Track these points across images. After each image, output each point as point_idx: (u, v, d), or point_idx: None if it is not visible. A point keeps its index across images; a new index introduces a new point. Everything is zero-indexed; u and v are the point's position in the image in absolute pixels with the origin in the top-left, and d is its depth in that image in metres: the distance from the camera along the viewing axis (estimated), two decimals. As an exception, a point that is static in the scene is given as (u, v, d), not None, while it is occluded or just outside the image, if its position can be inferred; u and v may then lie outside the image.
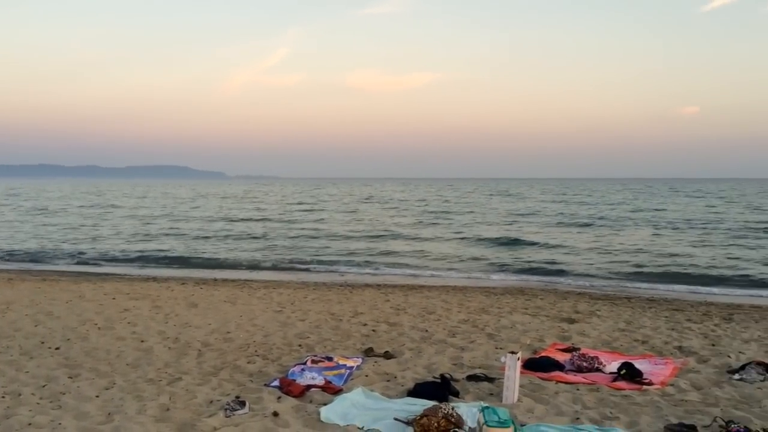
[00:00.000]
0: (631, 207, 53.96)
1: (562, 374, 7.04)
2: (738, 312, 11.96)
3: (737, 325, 10.46)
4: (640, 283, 17.01)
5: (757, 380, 6.83)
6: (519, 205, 59.00)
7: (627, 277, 18.05)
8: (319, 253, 23.96)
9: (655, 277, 17.92)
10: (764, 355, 8.15)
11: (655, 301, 13.44)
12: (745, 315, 11.60)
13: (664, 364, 7.52)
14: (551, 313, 11.31)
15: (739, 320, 10.94)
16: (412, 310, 11.37)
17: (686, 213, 45.86)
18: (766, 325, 10.42)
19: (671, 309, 12.14)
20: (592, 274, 18.70)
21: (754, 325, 10.42)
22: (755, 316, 11.41)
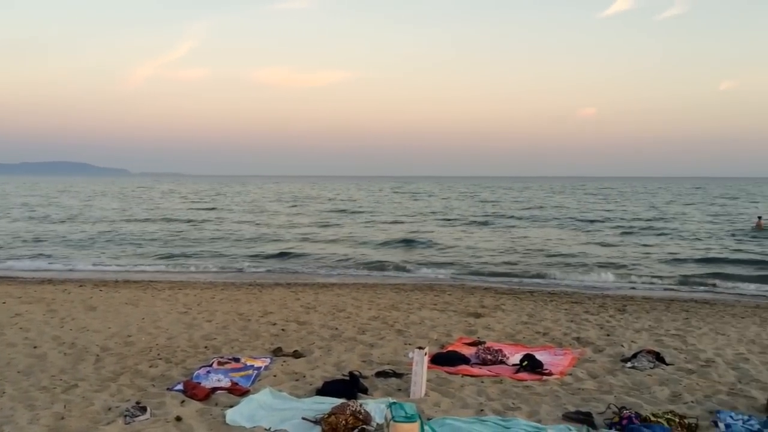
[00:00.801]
0: (529, 204, 56.16)
1: (467, 368, 7.21)
2: (631, 303, 12.65)
3: (630, 315, 11.07)
4: (540, 279, 17.69)
5: (648, 368, 7.24)
6: (423, 203, 60.05)
7: (530, 273, 18.71)
8: (223, 253, 23.50)
9: (554, 271, 18.70)
10: (654, 343, 8.67)
11: (556, 294, 14.01)
12: (637, 306, 12.28)
13: (563, 355, 7.85)
14: (459, 308, 11.56)
15: (632, 311, 11.58)
16: (323, 308, 11.34)
17: (582, 210, 48.18)
18: (656, 315, 11.09)
19: (571, 302, 12.69)
20: (500, 271, 19.26)
21: (645, 316, 11.06)
22: (646, 307, 12.11)
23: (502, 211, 46.60)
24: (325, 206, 53.89)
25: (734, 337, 9.24)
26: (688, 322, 10.42)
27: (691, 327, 10.00)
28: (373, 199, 67.08)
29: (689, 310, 11.84)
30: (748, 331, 9.74)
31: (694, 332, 9.55)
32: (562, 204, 57.02)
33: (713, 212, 45.81)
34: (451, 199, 68.04)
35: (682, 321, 10.55)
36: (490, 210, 48.76)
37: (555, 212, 45.56)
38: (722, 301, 13.36)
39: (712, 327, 10.02)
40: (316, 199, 67.74)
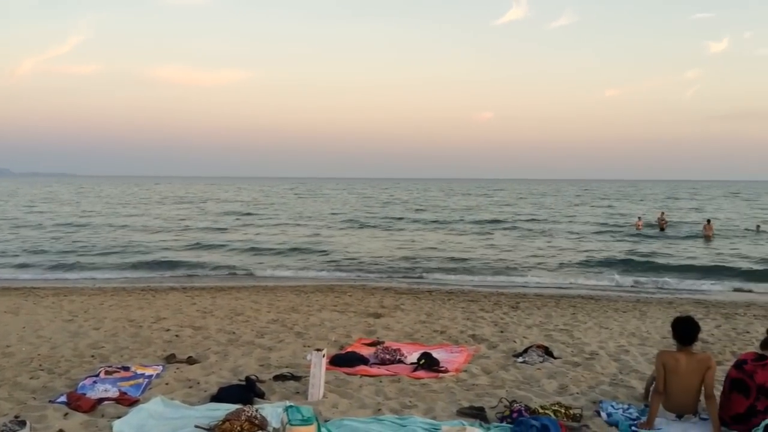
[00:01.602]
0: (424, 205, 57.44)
1: (366, 368, 7.24)
2: (524, 301, 13.17)
3: (522, 312, 11.52)
4: (439, 278, 18.09)
5: (537, 362, 7.56)
6: (325, 204, 60.02)
7: (424, 272, 19.09)
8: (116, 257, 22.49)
9: (449, 272, 19.20)
10: (544, 338, 9.05)
11: (453, 293, 14.36)
12: (529, 303, 12.80)
13: (459, 352, 8.05)
14: (359, 309, 11.61)
15: (525, 308, 12.05)
16: (220, 312, 11.05)
17: (477, 211, 49.79)
18: (546, 312, 11.59)
19: (467, 300, 13.05)
20: (401, 270, 19.52)
21: (537, 312, 11.54)
22: (537, 304, 12.65)
23: (407, 214, 47.23)
24: (224, 208, 52.68)
25: (616, 330, 9.82)
26: (575, 318, 10.97)
27: (577, 322, 10.53)
28: (275, 200, 66.27)
29: (576, 306, 12.47)
30: (629, 324, 10.37)
31: (580, 327, 10.06)
32: (459, 205, 58.59)
33: (599, 213, 48.53)
34: (350, 200, 68.30)
35: (569, 316, 11.10)
36: (390, 212, 49.29)
37: (455, 214, 46.71)
38: (606, 297, 14.16)
39: (597, 321, 10.60)
40: (216, 200, 66.05)
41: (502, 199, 72.56)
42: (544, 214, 46.36)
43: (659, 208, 50.25)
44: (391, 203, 62.54)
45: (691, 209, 53.26)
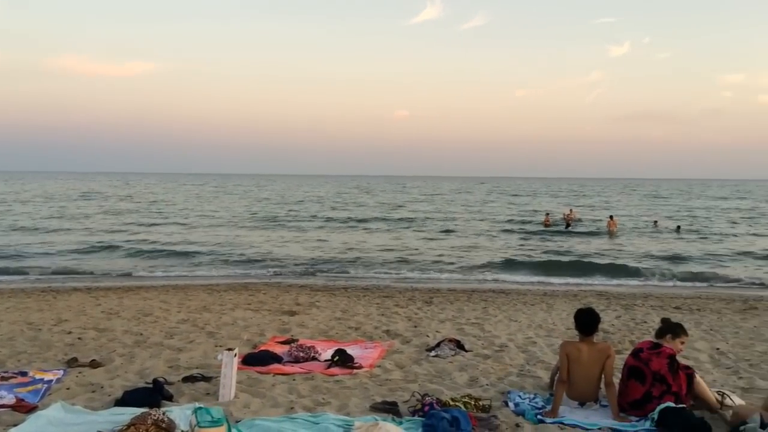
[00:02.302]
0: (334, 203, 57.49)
1: (280, 366, 7.16)
2: (437, 296, 13.40)
3: (436, 307, 11.71)
4: (354, 275, 18.15)
5: (449, 355, 7.71)
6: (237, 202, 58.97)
7: (340, 269, 19.11)
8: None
9: (364, 268, 19.31)
10: (456, 332, 9.25)
11: (368, 289, 14.42)
12: (442, 298, 13.04)
13: (373, 348, 8.10)
14: (273, 306, 11.46)
15: (438, 303, 12.26)
16: (127, 313, 10.64)
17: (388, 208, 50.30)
18: (458, 306, 11.84)
19: (382, 296, 13.15)
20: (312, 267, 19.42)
21: (450, 307, 11.77)
22: (450, 298, 12.90)
23: (324, 212, 47.00)
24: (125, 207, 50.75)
25: (525, 322, 10.15)
26: (486, 311, 11.26)
27: (488, 315, 10.82)
28: (187, 197, 64.45)
29: (488, 299, 12.80)
30: (537, 317, 10.75)
31: (491, 320, 10.34)
32: (376, 202, 58.97)
33: (509, 210, 50.05)
34: (265, 197, 67.39)
35: (481, 310, 11.38)
36: (306, 209, 48.98)
37: (370, 212, 46.94)
38: (516, 291, 14.61)
39: (507, 314, 10.92)
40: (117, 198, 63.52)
41: (417, 197, 73.52)
42: (458, 211, 47.35)
43: (567, 205, 52.37)
44: (307, 200, 62.15)
45: (595, 206, 55.75)
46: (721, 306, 12.39)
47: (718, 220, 40.23)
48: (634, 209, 50.70)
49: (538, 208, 50.35)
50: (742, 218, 42.06)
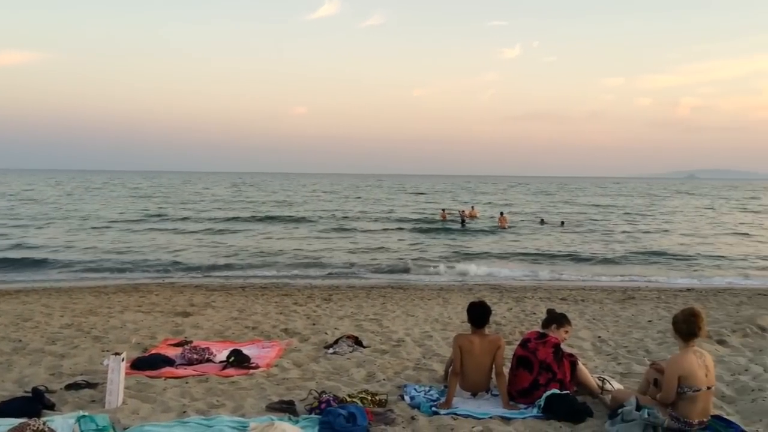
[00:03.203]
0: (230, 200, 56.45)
1: (172, 369, 6.92)
2: (336, 293, 13.42)
3: (335, 304, 11.73)
4: (252, 273, 17.85)
5: (347, 352, 7.74)
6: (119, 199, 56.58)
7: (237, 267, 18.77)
8: None
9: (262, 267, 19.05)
10: (355, 329, 9.29)
11: (267, 288, 14.24)
12: (342, 295, 13.07)
13: (270, 347, 7.99)
14: (166, 308, 11.07)
15: (337, 300, 12.29)
16: (4, 318, 9.94)
17: (285, 206, 49.89)
18: (357, 303, 11.91)
19: (281, 294, 13.02)
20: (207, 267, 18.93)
21: (349, 303, 11.82)
22: (350, 295, 12.96)
23: (220, 212, 45.85)
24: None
25: (422, 317, 10.36)
26: (385, 307, 11.40)
27: (387, 311, 10.95)
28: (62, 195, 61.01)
29: (386, 295, 12.97)
30: (433, 311, 10.99)
31: (389, 315, 10.47)
32: (273, 200, 58.24)
33: (412, 205, 50.89)
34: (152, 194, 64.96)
35: (379, 306, 11.51)
36: (202, 207, 47.63)
37: (265, 209, 46.31)
38: (414, 286, 14.89)
39: (404, 309, 11.10)
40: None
41: (315, 195, 73.28)
42: (357, 207, 47.60)
43: (467, 202, 53.76)
44: (201, 196, 60.45)
45: (494, 202, 57.67)
46: (603, 296, 13.17)
47: (601, 216, 42.70)
48: (525, 206, 52.90)
49: (436, 205, 51.48)
50: (625, 214, 44.88)
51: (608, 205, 56.39)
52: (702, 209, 51.63)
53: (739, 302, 12.31)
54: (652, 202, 61.29)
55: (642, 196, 75.80)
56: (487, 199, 65.28)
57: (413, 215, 41.23)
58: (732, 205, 58.93)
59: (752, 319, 9.77)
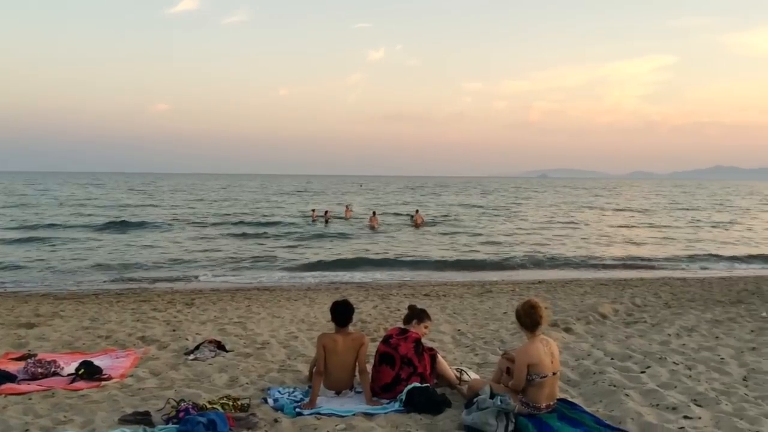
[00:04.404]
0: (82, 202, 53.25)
1: (13, 386, 6.36)
2: (199, 297, 12.99)
3: (197, 308, 11.34)
4: (104, 276, 16.86)
5: (209, 357, 7.50)
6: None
7: (88, 273, 17.67)
8: None
9: (119, 271, 18.06)
10: (218, 333, 9.03)
11: (123, 294, 13.50)
12: (205, 299, 12.67)
13: (125, 357, 7.57)
14: (7, 319, 10.17)
15: (200, 304, 11.89)
16: None
17: (143, 209, 47.69)
18: (221, 306, 11.60)
19: (139, 300, 12.38)
20: (55, 273, 17.64)
21: (212, 307, 11.48)
22: (213, 299, 12.59)
23: (72, 217, 42.80)
24: None
25: (288, 318, 10.27)
26: (250, 309, 11.19)
27: (252, 313, 10.75)
28: None
29: (251, 297, 12.73)
30: (299, 312, 10.94)
31: (254, 318, 10.28)
32: (134, 201, 55.36)
33: (280, 206, 50.30)
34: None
35: (244, 309, 11.27)
36: (48, 210, 44.31)
37: (116, 211, 43.96)
38: (280, 287, 14.74)
39: (270, 311, 10.95)
40: None
41: (177, 194, 70.53)
42: (223, 208, 46.36)
43: (340, 203, 53.98)
44: (47, 197, 56.22)
45: (365, 204, 58.33)
46: (463, 291, 13.74)
47: (464, 214, 44.56)
48: (394, 207, 54.01)
49: (304, 206, 51.30)
50: (486, 212, 47.14)
51: (471, 204, 58.96)
52: (553, 206, 55.38)
53: (584, 292, 13.31)
54: (514, 201, 64.92)
55: (502, 196, 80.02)
56: (359, 199, 65.98)
57: (277, 215, 40.79)
58: (582, 203, 63.74)
59: (594, 308, 10.63)
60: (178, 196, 66.15)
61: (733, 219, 41.65)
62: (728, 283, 14.91)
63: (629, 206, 56.70)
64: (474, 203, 59.68)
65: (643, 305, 11.24)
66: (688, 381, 6.07)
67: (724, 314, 10.09)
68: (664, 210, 51.64)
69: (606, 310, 10.39)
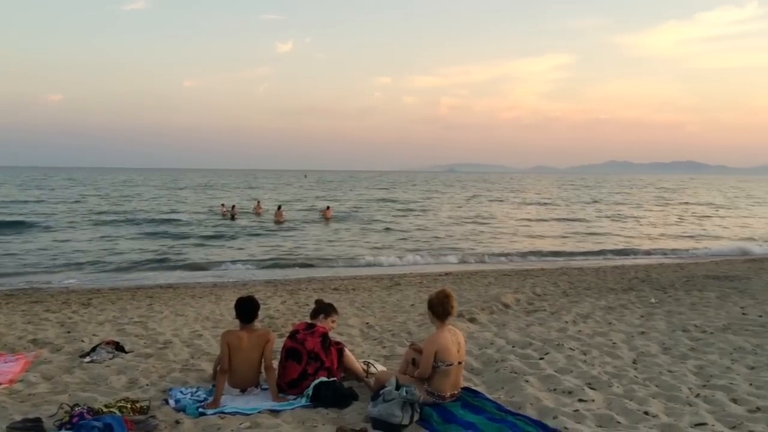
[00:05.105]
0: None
1: None
2: (97, 296, 12.40)
3: (95, 309, 10.82)
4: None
5: (107, 359, 7.17)
6: None
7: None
8: None
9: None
10: (117, 333, 8.65)
11: (13, 295, 12.70)
12: (103, 298, 12.11)
13: (14, 361, 7.11)
14: None
15: (98, 304, 11.35)
16: None
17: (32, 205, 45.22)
18: (121, 305, 11.12)
19: (30, 302, 11.69)
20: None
21: (111, 307, 10.98)
22: (112, 298, 12.06)
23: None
24: None
25: (192, 316, 9.98)
26: (152, 308, 10.79)
27: (153, 312, 10.37)
28: None
29: (153, 296, 12.29)
30: (205, 309, 10.65)
31: (156, 317, 9.92)
32: (30, 197, 52.19)
33: (193, 201, 48.84)
34: None
35: (146, 308, 10.86)
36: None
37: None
38: (185, 284, 14.30)
39: (173, 310, 10.60)
40: None
41: (73, 189, 67.11)
42: (122, 204, 44.51)
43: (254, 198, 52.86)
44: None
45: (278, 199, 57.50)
46: (372, 284, 13.83)
47: (375, 209, 44.86)
48: (304, 202, 53.60)
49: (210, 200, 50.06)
50: (395, 206, 47.64)
51: (382, 198, 59.41)
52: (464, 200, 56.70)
53: (488, 283, 13.72)
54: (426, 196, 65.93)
55: (414, 190, 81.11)
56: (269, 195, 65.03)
57: (195, 209, 39.63)
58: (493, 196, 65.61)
59: (498, 298, 10.97)
60: (74, 191, 62.89)
61: (632, 212, 44.07)
62: (621, 271, 15.78)
63: (535, 200, 59.00)
64: (384, 197, 60.21)
65: (543, 294, 11.71)
66: (583, 365, 6.37)
67: (617, 301, 10.66)
68: (566, 202, 54.05)
69: (508, 300, 10.75)
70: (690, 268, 16.15)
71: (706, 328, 8.18)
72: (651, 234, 29.28)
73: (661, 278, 13.80)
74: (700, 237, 28.15)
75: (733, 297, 10.77)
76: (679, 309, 9.73)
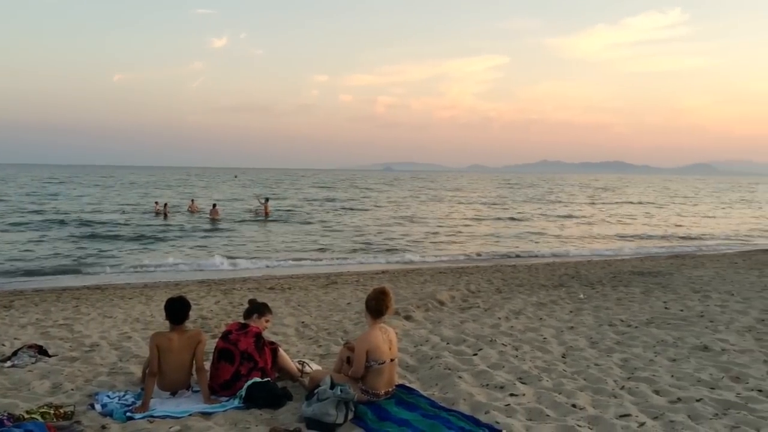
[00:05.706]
0: None
1: None
2: (20, 298, 11.87)
3: (17, 311, 10.36)
4: None
5: (29, 363, 6.86)
6: None
7: None
8: None
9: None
10: (40, 336, 8.31)
11: (-74, 299, 11.99)
12: (26, 300, 11.61)
13: (-74, 368, 6.72)
14: None
15: (20, 306, 10.87)
16: None
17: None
18: (45, 308, 10.67)
19: (-55, 305, 11.06)
20: None
21: (34, 309, 10.53)
22: (36, 300, 11.56)
23: None
24: None
25: (121, 318, 9.67)
26: (78, 310, 10.40)
27: (80, 314, 10.00)
28: None
29: (80, 297, 11.85)
30: (134, 310, 10.34)
31: (82, 319, 9.57)
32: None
33: (122, 200, 47.30)
34: None
35: (72, 309, 10.46)
36: None
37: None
38: (113, 285, 13.84)
39: (101, 311, 10.25)
40: None
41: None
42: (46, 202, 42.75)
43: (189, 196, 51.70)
44: None
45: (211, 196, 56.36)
46: (308, 283, 13.75)
47: (311, 207, 44.62)
48: (238, 202, 52.80)
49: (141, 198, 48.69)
50: (332, 204, 47.51)
51: (320, 197, 59.11)
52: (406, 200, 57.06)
53: (424, 280, 13.85)
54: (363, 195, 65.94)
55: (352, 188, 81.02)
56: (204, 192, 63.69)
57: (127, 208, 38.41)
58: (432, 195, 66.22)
59: (433, 295, 11.09)
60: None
61: (570, 211, 45.26)
62: (552, 268, 16.21)
63: (472, 198, 59.95)
64: (321, 196, 59.96)
65: (477, 291, 11.90)
66: (514, 360, 6.52)
67: (548, 297, 10.95)
68: (503, 200, 55.15)
69: (444, 297, 10.88)
70: (617, 265, 16.74)
71: (631, 323, 8.50)
72: (583, 233, 30.19)
73: (590, 275, 14.25)
74: (627, 236, 29.20)
75: (656, 292, 11.22)
76: (606, 304, 10.07)
